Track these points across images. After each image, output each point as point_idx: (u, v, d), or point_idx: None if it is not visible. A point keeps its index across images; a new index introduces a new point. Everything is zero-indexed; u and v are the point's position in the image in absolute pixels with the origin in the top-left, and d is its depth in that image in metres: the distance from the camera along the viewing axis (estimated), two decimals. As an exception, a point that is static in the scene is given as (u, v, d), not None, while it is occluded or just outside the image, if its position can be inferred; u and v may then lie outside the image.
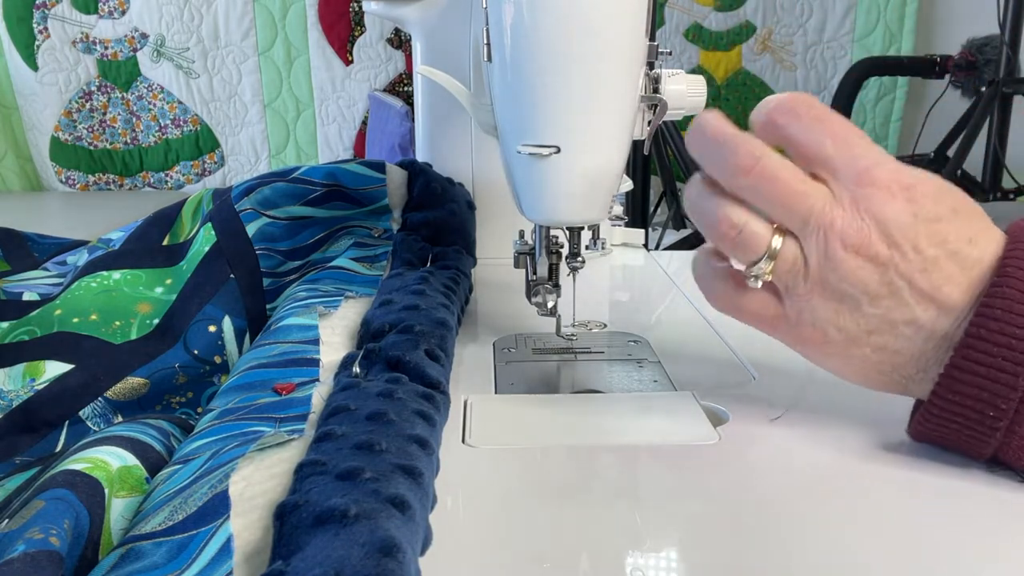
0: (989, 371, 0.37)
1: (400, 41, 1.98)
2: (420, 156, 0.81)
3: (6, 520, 0.33)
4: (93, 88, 1.95)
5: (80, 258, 0.75)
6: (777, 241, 0.39)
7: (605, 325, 0.63)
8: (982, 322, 0.37)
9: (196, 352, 0.61)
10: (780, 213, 0.39)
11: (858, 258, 0.38)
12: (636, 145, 0.56)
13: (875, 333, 0.39)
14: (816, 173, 0.39)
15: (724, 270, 0.43)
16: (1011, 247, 0.38)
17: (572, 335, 0.58)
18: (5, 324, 0.62)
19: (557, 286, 0.55)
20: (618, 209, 0.53)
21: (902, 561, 0.34)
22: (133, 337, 0.61)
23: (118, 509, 0.36)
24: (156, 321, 0.63)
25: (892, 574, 0.33)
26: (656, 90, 0.54)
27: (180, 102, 1.98)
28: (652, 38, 0.51)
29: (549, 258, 0.55)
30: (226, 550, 0.30)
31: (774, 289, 0.41)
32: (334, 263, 0.65)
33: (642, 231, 0.87)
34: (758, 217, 0.40)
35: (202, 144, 2.01)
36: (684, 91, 0.55)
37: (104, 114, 1.97)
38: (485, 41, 0.50)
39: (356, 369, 0.45)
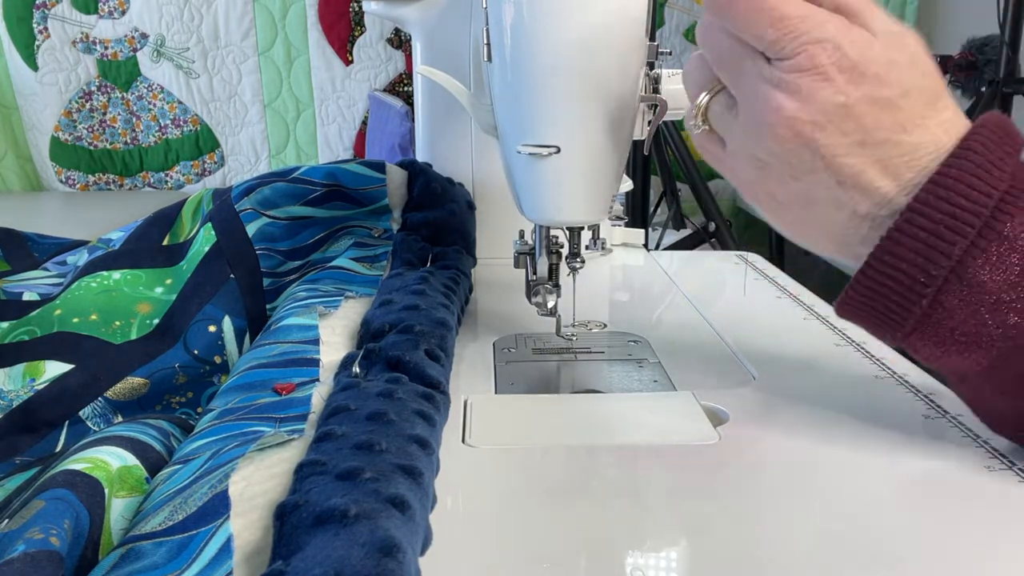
0: (929, 236, 0.37)
1: (400, 41, 1.98)
2: (420, 156, 0.81)
3: (6, 520, 0.33)
4: (93, 88, 1.95)
5: (80, 258, 0.75)
6: (704, 97, 0.43)
7: (605, 325, 0.63)
8: (930, 189, 0.38)
9: (196, 352, 0.61)
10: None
11: (782, 134, 0.39)
12: (636, 145, 0.56)
13: (805, 204, 0.40)
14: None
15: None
16: (973, 131, 0.39)
17: (572, 335, 0.58)
18: (5, 324, 0.62)
19: (557, 286, 0.55)
20: (618, 209, 0.53)
21: (902, 560, 0.34)
22: (133, 337, 0.61)
23: (118, 509, 0.36)
24: (156, 321, 0.63)
25: (892, 573, 0.33)
26: (656, 90, 0.54)
27: (180, 102, 1.98)
28: (652, 38, 0.51)
29: (549, 258, 0.55)
30: (226, 550, 0.30)
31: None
32: (334, 263, 0.65)
33: (642, 231, 0.87)
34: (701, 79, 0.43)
35: (202, 144, 2.01)
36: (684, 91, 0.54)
37: (104, 114, 1.97)
38: (485, 41, 0.50)
39: (356, 369, 0.45)
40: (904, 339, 0.40)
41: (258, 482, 0.35)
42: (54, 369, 0.58)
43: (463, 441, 0.44)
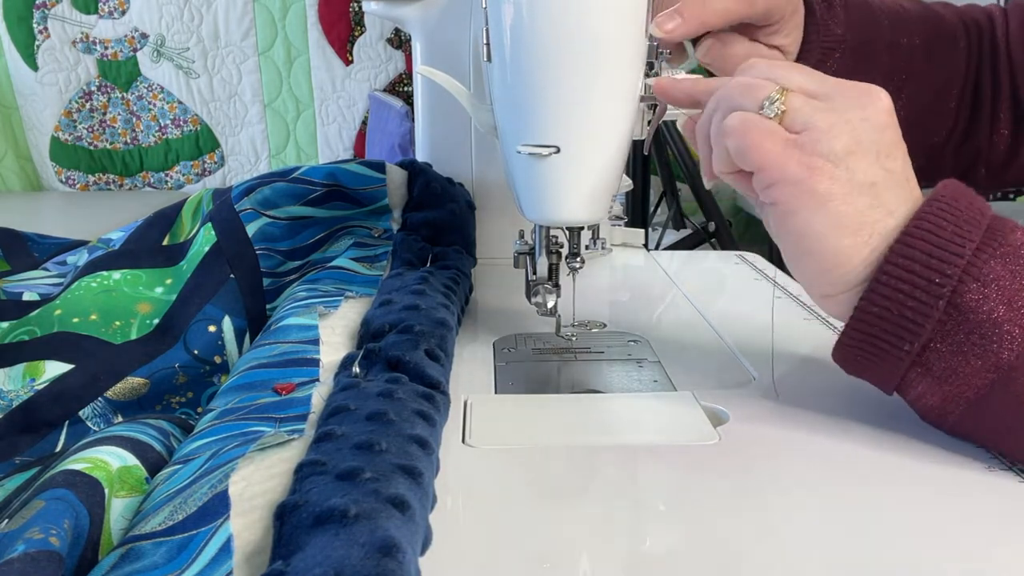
0: (939, 238, 0.40)
1: (400, 41, 1.98)
2: (420, 156, 0.81)
3: (6, 520, 0.33)
4: (93, 88, 1.95)
5: (80, 258, 0.75)
6: (783, 89, 0.43)
7: (605, 325, 0.63)
8: (937, 195, 0.41)
9: (196, 352, 0.61)
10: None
11: (886, 113, 0.42)
12: (636, 145, 0.56)
13: (876, 187, 0.41)
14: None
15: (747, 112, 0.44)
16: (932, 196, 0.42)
17: (572, 335, 0.58)
18: (5, 324, 0.62)
19: (557, 286, 0.55)
20: (618, 209, 0.53)
21: (903, 560, 0.34)
22: (133, 337, 0.61)
23: (118, 509, 0.36)
24: (156, 321, 0.63)
25: (893, 572, 0.33)
26: (656, 90, 0.54)
27: (180, 102, 1.98)
28: (652, 38, 0.51)
29: (549, 258, 0.55)
30: (226, 550, 0.30)
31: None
32: (334, 263, 0.65)
33: (642, 231, 0.87)
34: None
35: (202, 144, 2.01)
36: (684, 91, 0.54)
37: (104, 114, 1.97)
38: (485, 41, 0.50)
39: (356, 369, 0.45)
40: (920, 353, 0.40)
41: (258, 482, 0.35)
42: (54, 369, 0.58)
43: (463, 441, 0.44)
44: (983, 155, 0.67)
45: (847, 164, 0.41)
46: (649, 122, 0.55)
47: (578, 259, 0.54)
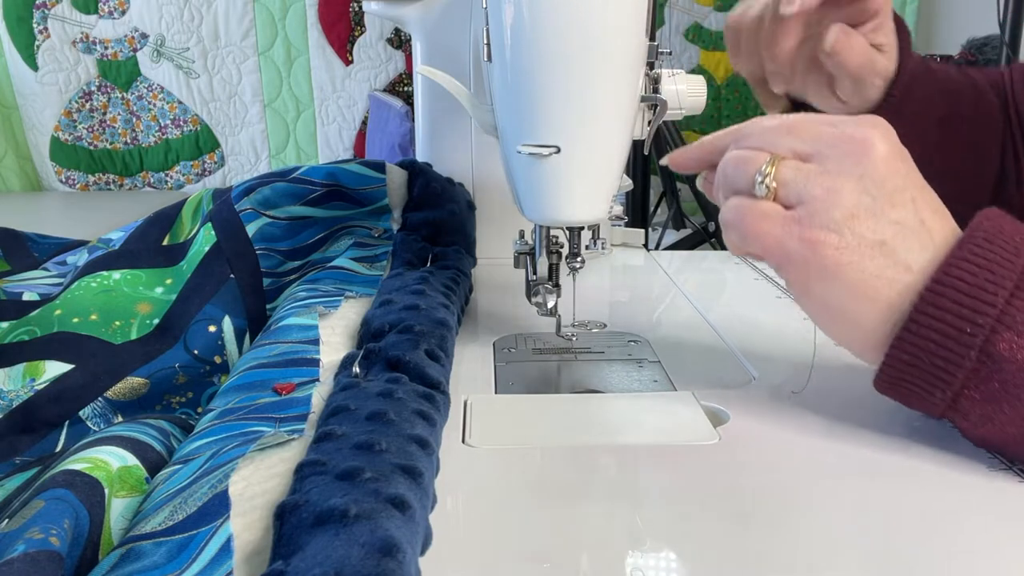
0: (971, 288, 0.38)
1: (400, 41, 1.98)
2: (420, 156, 0.81)
3: (6, 520, 0.33)
4: (93, 88, 1.95)
5: (80, 258, 0.75)
6: (774, 159, 0.42)
7: (605, 325, 0.63)
8: (968, 240, 0.39)
9: (196, 352, 0.61)
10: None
11: (885, 160, 0.41)
12: (636, 145, 0.56)
13: (888, 244, 0.40)
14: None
15: (740, 198, 0.44)
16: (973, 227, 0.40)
17: (572, 335, 0.58)
18: (5, 324, 0.62)
19: (557, 286, 0.55)
20: (618, 209, 0.53)
21: (903, 560, 0.34)
22: (133, 337, 0.61)
23: (118, 509, 0.36)
24: (156, 321, 0.63)
25: (892, 572, 0.33)
26: (656, 90, 0.54)
27: (180, 102, 1.98)
28: (652, 38, 0.51)
29: (549, 258, 0.55)
30: (226, 550, 0.30)
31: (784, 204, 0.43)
32: (334, 263, 0.65)
33: (642, 231, 0.87)
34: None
35: (202, 144, 2.01)
36: (684, 91, 0.55)
37: (104, 114, 1.97)
38: (485, 41, 0.50)
39: (356, 369, 0.45)
40: (953, 401, 0.39)
41: (258, 482, 0.35)
42: (54, 369, 0.58)
43: (463, 441, 0.44)
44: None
45: (851, 229, 0.40)
46: (649, 122, 0.55)
47: (578, 259, 0.54)
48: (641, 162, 1.55)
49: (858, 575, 0.33)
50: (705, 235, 1.92)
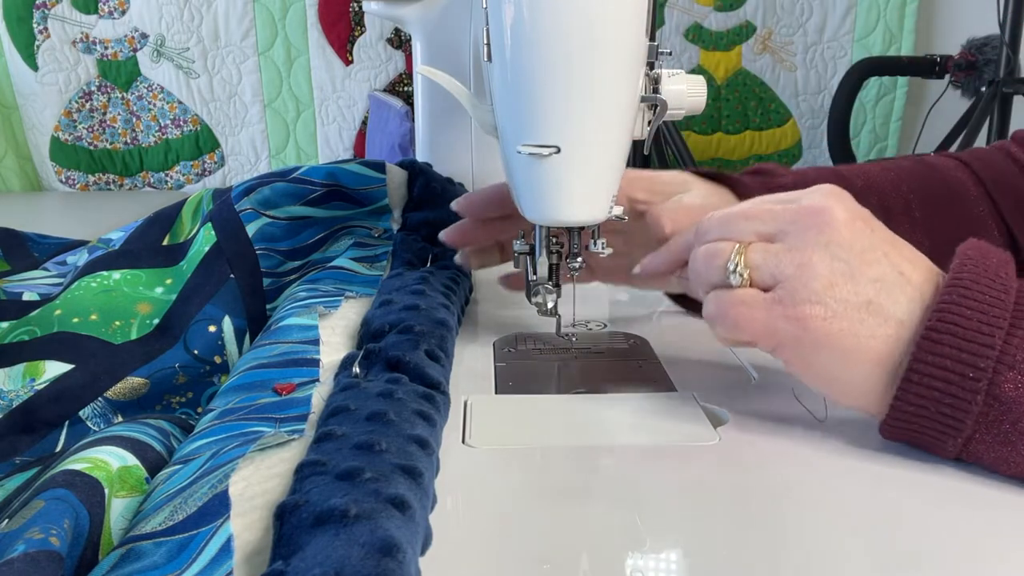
0: (966, 332, 0.38)
1: (400, 41, 1.98)
2: (420, 156, 0.81)
3: (6, 520, 0.33)
4: (93, 88, 1.95)
5: (80, 258, 0.75)
6: (742, 246, 0.43)
7: (605, 325, 0.63)
8: (954, 285, 0.39)
9: (196, 352, 0.61)
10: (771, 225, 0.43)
11: (846, 224, 0.41)
12: (636, 145, 0.56)
13: (874, 303, 0.40)
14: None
15: (718, 291, 0.44)
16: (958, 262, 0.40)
17: (572, 335, 0.58)
18: (5, 324, 0.62)
19: (557, 286, 0.55)
20: (618, 209, 0.53)
21: (902, 561, 0.34)
22: (133, 337, 0.61)
23: (118, 509, 0.36)
24: (156, 321, 0.63)
25: (893, 573, 0.33)
26: (656, 90, 0.54)
27: (180, 102, 1.98)
28: (652, 38, 0.51)
29: (549, 258, 0.55)
30: (226, 550, 0.30)
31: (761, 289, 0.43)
32: (334, 263, 0.65)
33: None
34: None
35: (202, 144, 2.01)
36: (684, 91, 0.55)
37: (104, 114, 1.97)
38: (485, 41, 0.50)
39: (356, 369, 0.45)
40: (965, 446, 0.39)
41: (258, 482, 0.35)
42: (54, 369, 0.58)
43: (463, 441, 0.44)
44: None
45: (833, 297, 0.40)
46: (649, 122, 0.55)
47: (578, 259, 0.54)
48: (641, 162, 1.55)
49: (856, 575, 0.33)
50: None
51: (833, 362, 0.41)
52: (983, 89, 1.72)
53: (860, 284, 0.40)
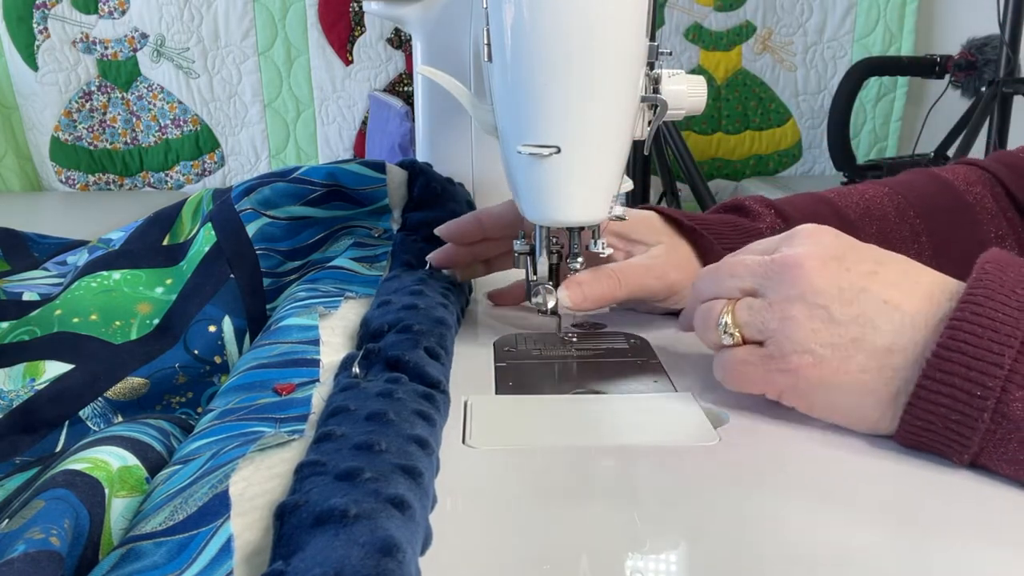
0: (975, 349, 0.38)
1: (400, 41, 1.98)
2: (420, 156, 0.81)
3: (6, 520, 0.33)
4: (93, 88, 1.95)
5: (80, 258, 0.75)
6: (727, 303, 0.45)
7: (605, 325, 0.63)
8: (968, 301, 0.39)
9: (196, 352, 0.61)
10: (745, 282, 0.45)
11: (818, 271, 0.42)
12: (636, 145, 0.57)
13: (860, 339, 0.41)
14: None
15: (719, 352, 0.47)
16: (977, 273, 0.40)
17: (572, 335, 0.58)
18: (5, 324, 0.62)
19: (557, 286, 0.55)
20: (618, 209, 0.53)
21: (902, 561, 0.34)
22: (133, 337, 0.61)
23: (118, 509, 0.36)
24: (156, 321, 0.63)
25: (892, 573, 0.33)
26: (656, 90, 0.54)
27: (180, 102, 1.98)
28: (652, 38, 0.51)
29: (549, 258, 0.55)
30: (226, 550, 0.30)
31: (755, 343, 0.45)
32: (334, 263, 0.65)
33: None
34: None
35: (202, 144, 2.01)
36: (684, 91, 0.55)
37: (104, 114, 1.97)
38: (485, 41, 0.50)
39: (356, 369, 0.45)
40: (974, 460, 0.39)
41: (258, 482, 0.35)
42: (54, 369, 0.58)
43: (463, 442, 0.44)
44: None
45: (819, 343, 0.41)
46: (649, 122, 0.55)
47: (579, 259, 0.54)
48: (641, 162, 1.55)
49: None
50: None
51: (834, 400, 0.42)
52: (983, 89, 1.72)
53: (842, 325, 0.41)
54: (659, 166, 1.87)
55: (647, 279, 0.58)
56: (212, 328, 0.62)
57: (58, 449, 0.54)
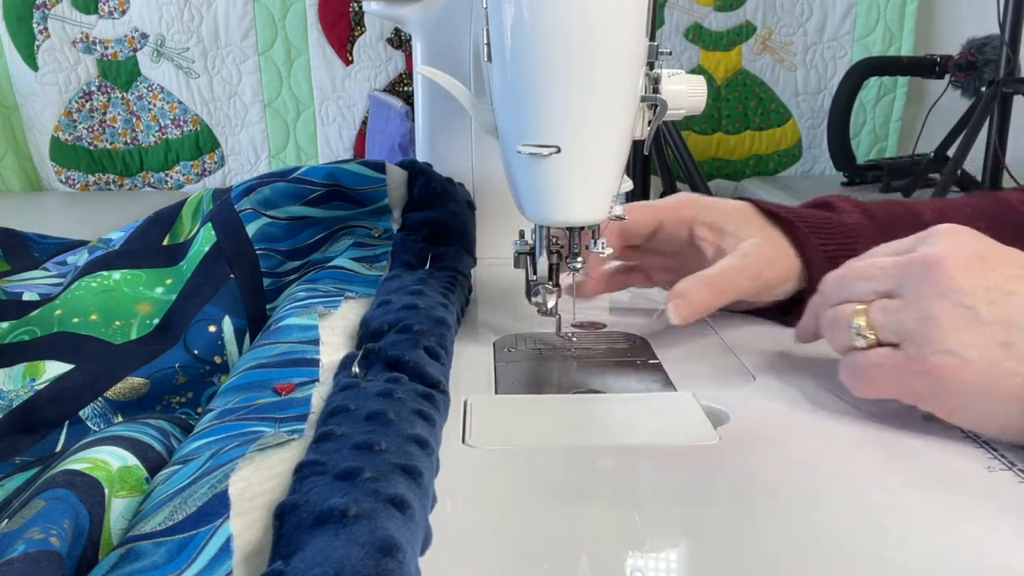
0: None
1: (400, 41, 1.98)
2: (420, 156, 0.81)
3: (6, 520, 0.33)
4: (93, 88, 1.95)
5: (80, 258, 0.75)
6: (860, 306, 0.43)
7: (605, 325, 0.63)
8: None
9: (196, 352, 0.61)
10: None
11: (961, 270, 0.40)
12: (636, 145, 0.57)
13: (1009, 343, 0.39)
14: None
15: (848, 355, 0.45)
16: None
17: (572, 335, 0.58)
18: (5, 324, 0.62)
19: (557, 286, 0.55)
20: (618, 209, 0.53)
21: (902, 561, 0.34)
22: (133, 337, 0.61)
23: (118, 509, 0.36)
24: (156, 321, 0.63)
25: (893, 572, 0.33)
26: (656, 90, 0.54)
27: (180, 102, 1.98)
28: (652, 38, 0.51)
29: (549, 258, 0.55)
30: (226, 550, 0.30)
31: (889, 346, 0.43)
32: (334, 263, 0.65)
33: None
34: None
35: (202, 144, 2.01)
36: (684, 91, 0.55)
37: (104, 114, 1.97)
38: (485, 41, 0.50)
39: (355, 369, 0.45)
40: None
41: (258, 482, 0.35)
42: (54, 369, 0.58)
43: (463, 441, 0.44)
44: None
45: (963, 345, 0.39)
46: (649, 122, 0.55)
47: (579, 259, 0.54)
48: (641, 162, 1.55)
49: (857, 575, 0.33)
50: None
51: (975, 405, 0.40)
52: (983, 89, 1.72)
53: (988, 327, 0.39)
54: (659, 166, 1.87)
55: (742, 281, 0.56)
56: (212, 328, 0.62)
57: (58, 449, 0.54)
